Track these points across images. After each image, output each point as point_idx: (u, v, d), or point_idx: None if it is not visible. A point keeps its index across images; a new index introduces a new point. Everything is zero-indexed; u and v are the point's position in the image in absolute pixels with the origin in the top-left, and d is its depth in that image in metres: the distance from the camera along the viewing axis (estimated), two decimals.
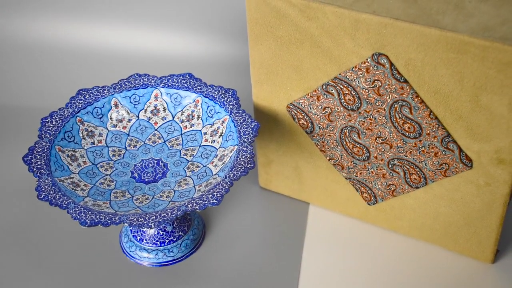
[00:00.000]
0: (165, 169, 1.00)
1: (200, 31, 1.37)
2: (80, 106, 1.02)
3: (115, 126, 1.03)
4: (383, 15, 0.84)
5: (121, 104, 1.04)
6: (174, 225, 1.01)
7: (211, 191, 0.88)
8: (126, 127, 1.04)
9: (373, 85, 0.90)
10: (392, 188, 0.99)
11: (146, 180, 0.98)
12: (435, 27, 0.82)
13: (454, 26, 0.82)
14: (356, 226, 1.07)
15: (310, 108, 0.97)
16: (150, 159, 1.01)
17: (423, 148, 0.92)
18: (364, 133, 0.95)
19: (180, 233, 1.02)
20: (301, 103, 0.98)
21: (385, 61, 0.87)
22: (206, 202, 0.87)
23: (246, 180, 1.15)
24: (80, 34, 1.39)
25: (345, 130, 0.97)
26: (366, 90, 0.91)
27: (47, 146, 0.96)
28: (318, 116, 0.97)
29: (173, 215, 0.86)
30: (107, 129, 1.03)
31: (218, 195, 0.88)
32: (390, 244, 1.04)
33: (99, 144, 1.01)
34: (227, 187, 0.88)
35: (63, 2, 1.39)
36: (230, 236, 1.06)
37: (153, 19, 1.39)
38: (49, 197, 0.88)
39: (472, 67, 0.82)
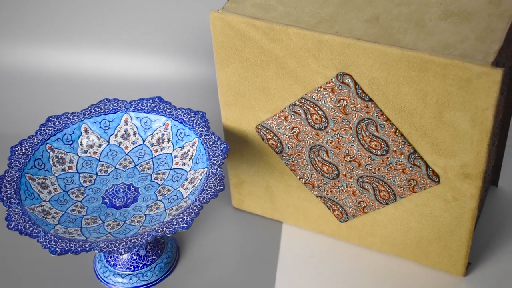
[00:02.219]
0: (136, 193, 1.00)
1: (168, 54, 1.38)
2: (50, 133, 1.02)
3: (85, 152, 1.03)
4: (346, 36, 0.85)
5: (91, 129, 1.04)
6: (148, 249, 1.01)
7: (181, 215, 0.89)
8: (96, 152, 1.04)
9: (339, 105, 0.91)
10: (363, 205, 1.00)
11: (117, 205, 0.98)
12: (397, 46, 0.83)
13: (415, 45, 0.83)
14: (329, 243, 1.07)
15: (279, 128, 0.98)
16: (121, 184, 1.01)
17: (391, 165, 0.93)
18: (332, 152, 0.96)
19: (153, 257, 1.02)
20: (269, 124, 0.98)
21: (349, 80, 0.88)
22: (176, 226, 0.87)
23: (219, 201, 1.15)
24: (49, 60, 1.39)
25: (313, 149, 0.97)
26: (332, 110, 0.92)
27: (17, 175, 0.96)
28: (287, 136, 0.98)
29: (144, 241, 0.86)
30: (77, 155, 1.03)
31: (188, 218, 0.88)
32: (363, 260, 1.04)
33: (70, 171, 1.01)
34: (197, 210, 0.89)
35: (29, 28, 1.39)
36: (204, 257, 1.06)
37: (121, 43, 1.39)
38: (19, 226, 0.88)
39: (434, 85, 0.83)
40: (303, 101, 0.93)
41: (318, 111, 0.93)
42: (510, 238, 1.06)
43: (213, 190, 0.91)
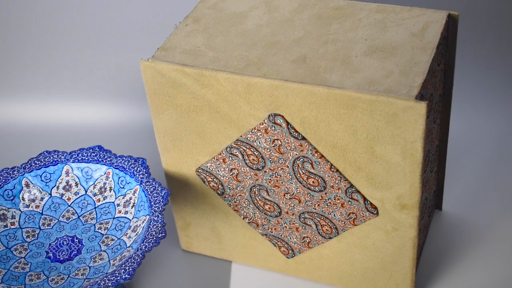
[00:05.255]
0: (80, 245, 0.99)
1: (105, 101, 1.38)
2: None
3: (27, 206, 1.03)
4: (273, 78, 0.86)
5: (32, 183, 1.04)
6: None
7: (123, 265, 0.89)
8: (39, 206, 1.03)
9: (273, 145, 0.92)
10: (307, 240, 1.01)
11: (61, 258, 0.98)
12: (323, 86, 0.84)
13: (341, 83, 0.84)
14: (279, 279, 1.08)
15: (218, 170, 0.98)
16: (64, 237, 1.01)
17: (330, 200, 0.94)
18: (272, 190, 0.97)
19: None
20: (208, 167, 0.99)
21: (281, 121, 0.89)
22: (119, 277, 0.87)
23: (168, 244, 1.15)
24: None
25: (254, 189, 0.98)
26: (268, 150, 0.92)
27: None
28: (227, 178, 0.99)
29: None
30: (19, 210, 1.02)
31: (130, 269, 0.88)
32: None
33: (12, 227, 1.01)
34: (139, 260, 0.89)
35: None
36: None
37: (57, 92, 1.38)
38: None
39: (362, 121, 0.84)
40: (239, 143, 0.94)
41: (255, 152, 0.94)
42: (456, 261, 1.08)
43: (155, 238, 0.91)
